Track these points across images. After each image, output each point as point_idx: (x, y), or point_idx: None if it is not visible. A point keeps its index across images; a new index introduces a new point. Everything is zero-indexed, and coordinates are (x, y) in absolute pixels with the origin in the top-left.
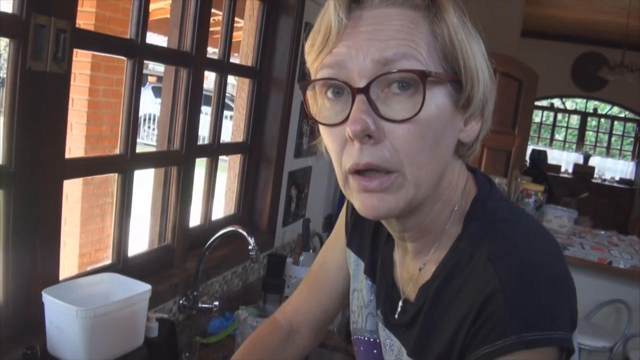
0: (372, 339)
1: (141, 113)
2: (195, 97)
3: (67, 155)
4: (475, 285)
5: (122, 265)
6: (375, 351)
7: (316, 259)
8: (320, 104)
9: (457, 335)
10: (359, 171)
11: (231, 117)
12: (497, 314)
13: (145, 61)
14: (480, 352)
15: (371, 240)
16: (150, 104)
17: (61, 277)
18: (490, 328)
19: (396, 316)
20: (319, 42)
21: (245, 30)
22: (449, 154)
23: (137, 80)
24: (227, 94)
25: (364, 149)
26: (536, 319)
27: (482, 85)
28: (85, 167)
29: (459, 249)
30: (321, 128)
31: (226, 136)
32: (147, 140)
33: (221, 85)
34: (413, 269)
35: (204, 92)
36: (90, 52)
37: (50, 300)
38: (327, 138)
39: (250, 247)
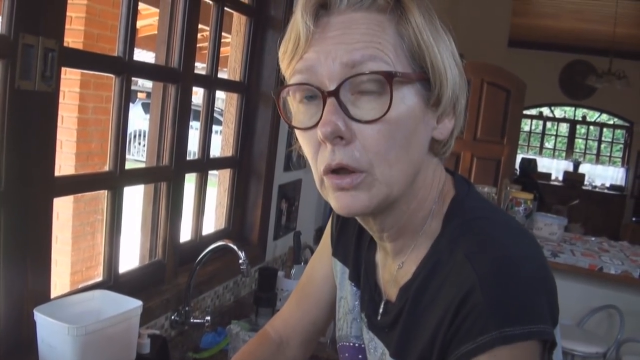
0: (357, 344)
1: (131, 129)
2: (183, 113)
3: (57, 173)
4: (454, 283)
5: (114, 282)
6: (360, 356)
7: (304, 272)
8: (295, 109)
9: (437, 334)
10: (333, 171)
11: (221, 131)
12: (476, 310)
13: (134, 78)
14: (462, 349)
15: (355, 247)
16: (140, 120)
17: (53, 295)
18: (470, 325)
19: (379, 318)
20: (290, 50)
21: (233, 46)
22: (422, 152)
23: (126, 97)
24: (216, 108)
25: (336, 150)
26: (515, 313)
27: (451, 83)
28: (75, 185)
29: (438, 248)
30: (297, 132)
31: (216, 150)
32: (137, 157)
33: (209, 100)
34: (393, 269)
35: (193, 107)
36: (79, 70)
37: (41, 319)
38: (303, 141)
39: (240, 262)
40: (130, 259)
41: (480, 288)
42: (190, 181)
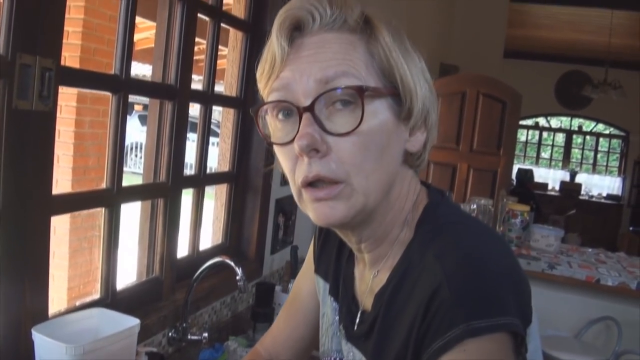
0: (338, 359)
1: (128, 142)
2: (180, 129)
3: (54, 188)
4: (424, 283)
5: (111, 299)
6: None
7: (292, 289)
8: (273, 126)
9: (410, 335)
10: (310, 183)
11: (217, 143)
12: (443, 306)
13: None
14: (434, 346)
15: (335, 261)
16: (136, 133)
17: (50, 310)
18: (439, 321)
19: (355, 328)
20: (266, 70)
21: (229, 60)
22: (396, 163)
23: (122, 114)
24: (213, 120)
25: (312, 163)
26: (482, 306)
27: (420, 98)
28: (72, 203)
29: (410, 253)
30: (275, 148)
31: (213, 162)
32: (135, 169)
33: (206, 116)
34: (369, 279)
35: (190, 119)
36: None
37: (39, 338)
38: (281, 157)
39: (237, 278)
40: (128, 274)
41: (447, 284)
42: (187, 193)
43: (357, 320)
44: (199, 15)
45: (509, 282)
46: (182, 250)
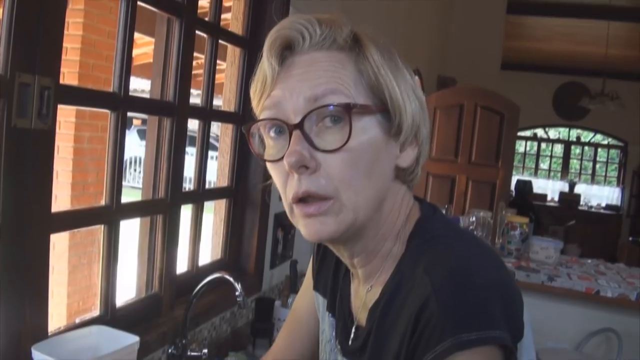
0: None
1: (127, 156)
2: (179, 145)
3: (54, 204)
4: (414, 297)
5: (110, 316)
6: None
7: (292, 306)
8: (266, 143)
9: (401, 349)
10: (301, 199)
11: (216, 157)
12: (432, 320)
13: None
14: None
15: (332, 278)
16: (135, 147)
17: (50, 327)
18: (429, 335)
19: (350, 343)
20: (259, 88)
21: (227, 76)
22: (386, 179)
23: (121, 131)
24: (212, 134)
25: (302, 179)
26: (470, 319)
27: (410, 114)
28: (72, 220)
29: (401, 268)
30: (267, 165)
31: (212, 175)
32: (134, 183)
33: (205, 132)
34: (363, 294)
35: (189, 133)
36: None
37: (39, 357)
38: (273, 173)
39: (237, 293)
40: (127, 290)
41: (435, 298)
42: (186, 208)
43: (352, 335)
44: (197, 32)
45: (496, 295)
46: (182, 266)
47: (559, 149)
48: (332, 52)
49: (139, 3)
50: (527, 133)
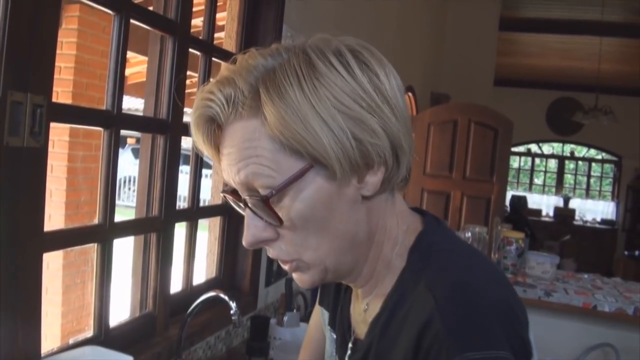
0: None
1: (121, 175)
2: (172, 163)
3: (47, 223)
4: (417, 313)
5: (104, 336)
6: None
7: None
8: None
9: None
10: None
11: (210, 175)
12: (437, 338)
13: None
14: None
15: (334, 293)
16: (129, 166)
17: (44, 347)
18: (435, 354)
19: (348, 356)
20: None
21: None
22: (349, 221)
23: (114, 149)
24: None
25: (268, 247)
26: (476, 339)
27: (346, 150)
28: (65, 239)
29: (402, 282)
30: None
31: (206, 194)
32: (128, 202)
33: None
34: (362, 308)
35: (183, 151)
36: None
37: None
38: None
39: (232, 312)
40: (121, 308)
41: (439, 316)
42: (180, 226)
43: (349, 350)
44: (191, 49)
45: (502, 315)
46: (176, 284)
47: (553, 164)
48: (249, 120)
49: (132, 21)
50: (521, 149)
